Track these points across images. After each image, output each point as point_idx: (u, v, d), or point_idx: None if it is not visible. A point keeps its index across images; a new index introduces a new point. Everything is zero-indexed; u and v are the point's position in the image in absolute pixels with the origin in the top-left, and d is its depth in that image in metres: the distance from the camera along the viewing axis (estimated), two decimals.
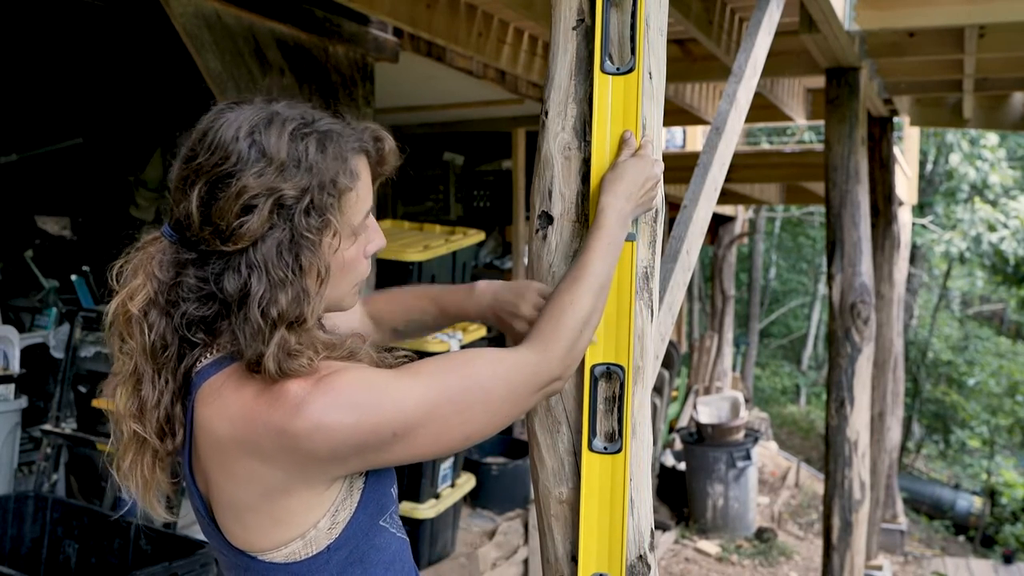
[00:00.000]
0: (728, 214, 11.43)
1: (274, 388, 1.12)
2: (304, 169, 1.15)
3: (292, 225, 1.14)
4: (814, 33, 3.58)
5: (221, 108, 1.21)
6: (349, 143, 1.21)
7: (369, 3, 3.22)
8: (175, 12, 2.76)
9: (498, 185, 6.96)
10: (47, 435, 3.91)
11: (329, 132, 1.19)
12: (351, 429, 1.11)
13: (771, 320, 20.51)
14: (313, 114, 1.21)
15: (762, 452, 9.96)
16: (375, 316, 1.60)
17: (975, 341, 17.12)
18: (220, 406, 1.15)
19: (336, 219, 1.17)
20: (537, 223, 1.55)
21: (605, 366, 1.48)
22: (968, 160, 13.08)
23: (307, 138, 1.17)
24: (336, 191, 1.17)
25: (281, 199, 1.13)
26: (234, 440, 1.14)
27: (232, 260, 1.14)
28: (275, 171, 1.14)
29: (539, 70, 4.70)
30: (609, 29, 1.49)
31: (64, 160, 5.41)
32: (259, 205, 1.12)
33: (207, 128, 1.18)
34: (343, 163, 1.19)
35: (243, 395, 1.14)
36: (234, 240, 1.13)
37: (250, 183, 1.12)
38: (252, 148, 1.14)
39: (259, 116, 1.17)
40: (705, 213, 2.26)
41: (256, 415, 1.12)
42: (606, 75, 1.48)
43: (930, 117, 6.33)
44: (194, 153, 1.18)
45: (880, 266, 5.92)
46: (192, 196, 1.15)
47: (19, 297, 5.08)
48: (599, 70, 1.48)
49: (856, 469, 4.27)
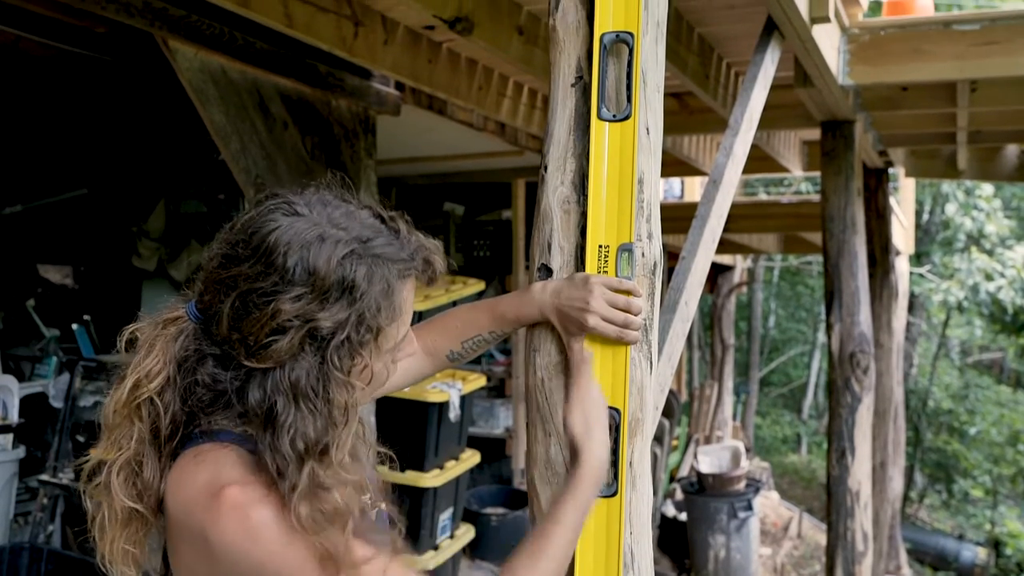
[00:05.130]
0: (727, 263, 11.47)
1: (216, 485, 1.08)
2: (347, 300, 1.11)
3: (323, 357, 1.10)
4: (809, 87, 3.64)
5: (274, 207, 1.16)
6: (399, 268, 1.17)
7: (372, 58, 3.28)
8: (181, 67, 2.81)
9: (498, 235, 7.00)
10: (44, 485, 3.90)
11: (381, 257, 1.15)
12: (255, 568, 1.07)
13: (771, 368, 20.46)
14: (369, 231, 1.16)
15: (764, 502, 9.89)
16: (430, 350, 1.54)
17: (975, 390, 17.06)
18: (177, 485, 1.13)
19: (370, 355, 1.15)
20: (537, 275, 1.57)
21: None
22: (964, 210, 13.15)
23: (357, 264, 1.12)
24: (374, 328, 1.14)
25: (316, 330, 1.10)
26: (178, 524, 1.13)
27: (256, 375, 1.11)
28: (315, 297, 1.10)
29: (539, 122, 4.75)
30: (606, 79, 1.51)
31: (68, 210, 5.45)
32: (292, 330, 1.09)
33: (256, 228, 1.13)
34: (388, 297, 1.15)
35: (196, 480, 1.11)
36: (259, 358, 1.09)
37: (285, 307, 1.09)
38: (298, 267, 1.10)
39: (313, 231, 1.12)
40: (704, 264, 2.29)
41: (195, 507, 1.09)
42: (603, 121, 1.50)
43: (925, 169, 6.39)
44: (235, 253, 1.13)
45: (879, 315, 5.93)
46: (226, 301, 1.11)
47: (20, 346, 5.09)
48: (595, 116, 1.50)
49: (858, 520, 4.24)
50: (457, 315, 1.57)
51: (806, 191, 13.57)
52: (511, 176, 6.50)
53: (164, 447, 1.17)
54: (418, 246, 1.21)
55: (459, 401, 4.68)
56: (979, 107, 4.25)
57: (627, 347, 1.47)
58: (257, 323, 1.09)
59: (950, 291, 13.03)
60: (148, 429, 1.16)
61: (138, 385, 1.16)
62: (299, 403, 1.09)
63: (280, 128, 3.19)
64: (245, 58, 3.02)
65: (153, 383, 1.15)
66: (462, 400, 4.74)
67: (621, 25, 1.51)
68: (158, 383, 1.16)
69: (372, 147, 3.70)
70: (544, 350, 1.53)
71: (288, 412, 1.08)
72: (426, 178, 6.71)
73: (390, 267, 1.15)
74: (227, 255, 1.14)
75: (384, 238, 1.17)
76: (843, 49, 3.63)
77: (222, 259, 1.15)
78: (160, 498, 1.16)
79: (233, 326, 1.11)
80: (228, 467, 1.11)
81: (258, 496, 1.07)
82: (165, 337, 1.18)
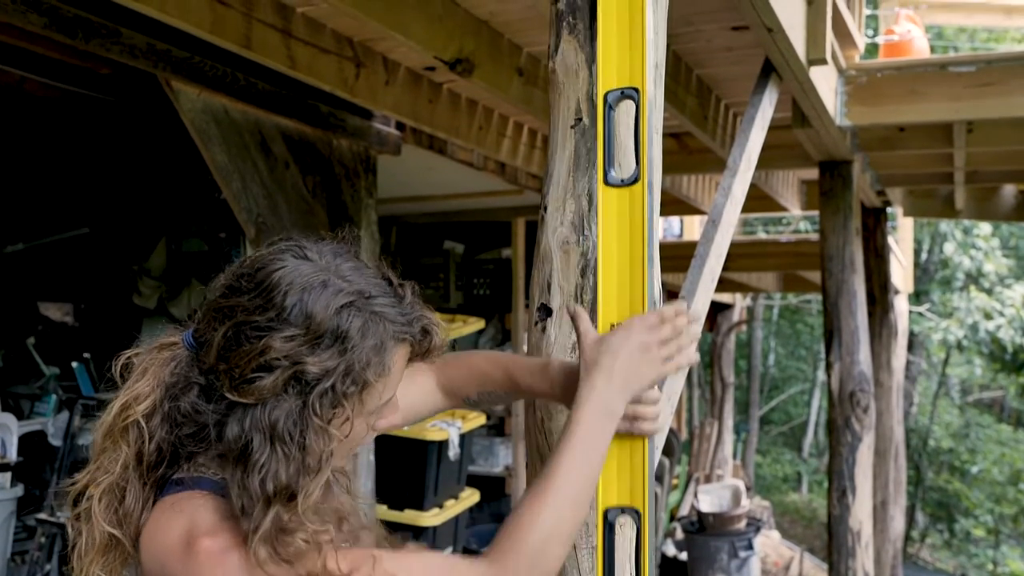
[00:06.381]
0: (726, 301, 11.48)
1: (192, 536, 1.08)
2: (337, 349, 1.10)
3: (305, 401, 1.09)
4: (806, 128, 3.67)
5: (285, 248, 1.17)
6: (395, 330, 1.16)
7: (373, 99, 3.31)
8: (184, 107, 2.84)
9: (498, 273, 7.01)
10: (41, 524, 3.88)
11: (379, 315, 1.14)
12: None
13: (771, 407, 20.40)
14: (374, 288, 1.16)
15: (764, 541, 9.81)
16: (448, 386, 1.52)
17: (976, 428, 17.02)
18: (153, 530, 1.13)
19: (352, 408, 1.13)
20: (536, 315, 1.58)
21: (619, 510, 1.33)
22: (962, 249, 13.21)
23: (354, 316, 1.12)
24: (360, 382, 1.12)
25: (301, 373, 1.09)
26: (152, 571, 1.12)
27: (237, 410, 1.10)
28: (307, 340, 1.09)
29: (539, 162, 4.78)
30: (612, 137, 1.43)
31: (69, 248, 5.47)
32: (279, 369, 1.08)
33: (262, 265, 1.15)
34: (379, 355, 1.13)
35: (172, 530, 1.10)
36: (241, 392, 1.09)
37: (276, 345, 1.08)
38: (296, 308, 1.10)
39: (318, 277, 1.13)
40: (703, 303, 2.30)
41: (170, 557, 1.09)
42: (610, 187, 1.41)
43: (923, 208, 6.42)
44: (238, 286, 1.14)
45: (878, 354, 5.93)
46: (219, 329, 1.12)
47: (19, 384, 5.08)
48: (602, 182, 1.41)
49: (860, 560, 4.21)
50: (480, 361, 1.52)
51: (805, 230, 13.62)
52: (511, 215, 6.52)
53: (148, 475, 1.16)
54: (419, 315, 1.20)
55: (459, 439, 4.67)
56: (975, 147, 4.28)
57: (644, 439, 1.33)
58: (246, 356, 1.09)
59: (949, 330, 13.05)
60: (133, 455, 1.16)
61: (126, 407, 1.16)
62: (274, 445, 1.07)
63: (281, 167, 3.22)
64: (247, 98, 3.05)
65: (141, 406, 1.16)
66: (462, 438, 4.72)
67: (626, 80, 1.41)
68: (145, 406, 1.16)
69: (373, 186, 3.73)
70: None
71: (263, 452, 1.07)
72: (427, 216, 6.74)
73: (387, 326, 1.15)
74: (231, 286, 1.15)
75: (387, 299, 1.17)
76: (840, 90, 3.67)
77: (225, 289, 1.16)
78: (139, 531, 1.15)
79: (222, 356, 1.11)
80: (203, 515, 1.10)
81: (230, 543, 1.07)
82: (158, 362, 1.19)
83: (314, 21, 2.95)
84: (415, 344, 1.20)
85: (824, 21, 2.98)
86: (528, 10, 2.92)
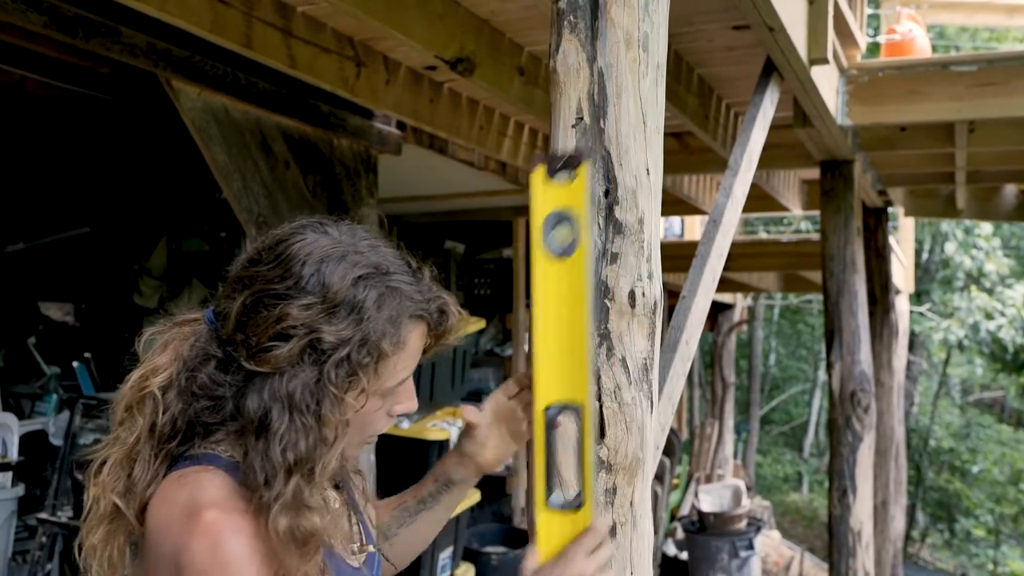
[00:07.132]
0: (727, 301, 11.48)
1: (195, 507, 1.08)
2: (353, 319, 1.12)
3: (321, 370, 1.10)
4: (808, 127, 3.66)
5: (306, 224, 1.19)
6: (411, 306, 1.17)
7: (374, 98, 3.30)
8: (184, 106, 2.83)
9: (499, 273, 7.01)
10: (43, 524, 3.88)
11: (396, 289, 1.16)
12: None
13: (772, 407, 20.40)
14: (391, 264, 1.18)
15: (765, 541, 9.81)
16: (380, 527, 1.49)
17: (977, 428, 17.02)
18: (159, 502, 1.13)
19: (367, 379, 1.14)
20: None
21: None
22: (963, 249, 13.21)
23: (370, 287, 1.13)
24: (375, 353, 1.13)
25: (317, 341, 1.10)
26: (154, 542, 1.12)
27: (255, 382, 1.12)
28: (324, 309, 1.11)
29: None
30: (554, 459, 1.27)
31: (70, 248, 5.47)
32: (295, 338, 1.10)
33: (283, 239, 1.17)
34: (394, 327, 1.15)
35: (177, 500, 1.11)
36: (258, 361, 1.11)
37: (293, 312, 1.10)
38: (313, 277, 1.12)
39: (336, 248, 1.15)
40: (704, 303, 2.29)
41: (171, 526, 1.09)
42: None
43: (924, 208, 6.41)
44: (259, 257, 1.16)
45: (879, 354, 5.93)
46: (238, 299, 1.14)
47: (20, 383, 5.08)
48: (543, 504, 1.25)
49: (860, 560, 4.21)
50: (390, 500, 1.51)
51: (806, 230, 13.62)
52: (512, 215, 6.52)
53: (159, 447, 1.17)
54: (436, 295, 1.22)
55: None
56: (977, 147, 4.28)
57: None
58: (263, 324, 1.11)
59: (950, 330, 13.05)
60: (147, 426, 1.17)
61: (144, 378, 1.19)
62: (293, 415, 1.09)
63: (282, 167, 3.21)
64: (248, 98, 3.04)
65: (157, 378, 1.17)
66: None
67: (567, 395, 1.23)
68: (162, 379, 1.17)
69: (373, 186, 3.72)
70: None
71: (282, 422, 1.09)
72: (427, 216, 6.74)
73: (403, 300, 1.16)
74: (251, 259, 1.18)
75: (404, 276, 1.18)
76: (842, 90, 3.66)
77: (246, 262, 1.18)
78: (145, 503, 1.16)
79: (240, 325, 1.13)
80: (210, 489, 1.11)
81: (234, 525, 1.07)
82: (179, 337, 1.21)
83: (314, 20, 2.95)
84: (432, 323, 1.21)
85: (825, 20, 2.98)
86: (529, 9, 2.92)
